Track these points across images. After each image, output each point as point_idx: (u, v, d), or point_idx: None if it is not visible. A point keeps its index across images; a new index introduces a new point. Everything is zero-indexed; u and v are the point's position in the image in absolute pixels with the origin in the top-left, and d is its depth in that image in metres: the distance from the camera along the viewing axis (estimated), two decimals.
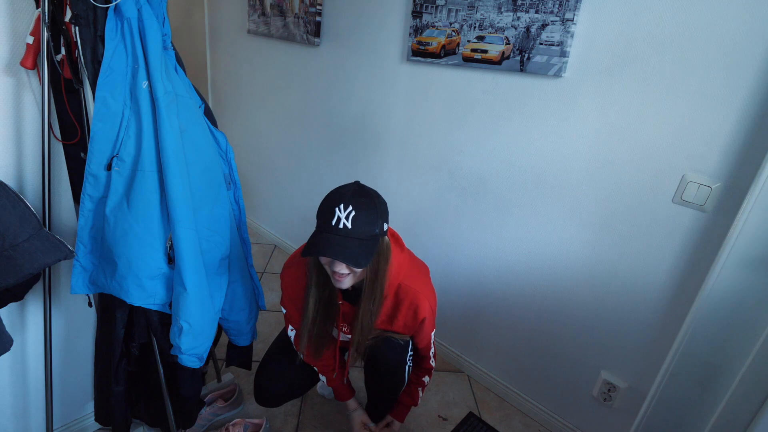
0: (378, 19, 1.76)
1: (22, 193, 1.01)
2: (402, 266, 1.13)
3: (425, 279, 1.21)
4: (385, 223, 1.02)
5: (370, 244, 0.98)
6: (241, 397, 1.57)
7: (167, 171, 1.00)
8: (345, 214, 0.96)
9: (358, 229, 0.96)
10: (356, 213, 0.96)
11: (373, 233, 0.98)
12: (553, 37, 1.28)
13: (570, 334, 1.47)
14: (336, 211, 0.96)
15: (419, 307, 1.14)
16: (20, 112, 1.00)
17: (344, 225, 0.95)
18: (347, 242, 0.95)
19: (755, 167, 1.01)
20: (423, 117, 1.71)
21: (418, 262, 1.25)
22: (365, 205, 0.98)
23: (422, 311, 1.14)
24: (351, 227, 0.95)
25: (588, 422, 1.50)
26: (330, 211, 0.97)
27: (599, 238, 1.33)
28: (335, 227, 0.96)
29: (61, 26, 0.95)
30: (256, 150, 2.69)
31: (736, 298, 1.06)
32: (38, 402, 1.25)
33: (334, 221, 0.96)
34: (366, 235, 0.97)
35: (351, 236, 0.95)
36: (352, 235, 0.95)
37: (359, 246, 0.96)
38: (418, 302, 1.13)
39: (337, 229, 0.96)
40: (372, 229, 0.98)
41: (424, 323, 1.16)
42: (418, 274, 1.19)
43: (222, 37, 2.69)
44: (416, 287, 1.13)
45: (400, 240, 1.18)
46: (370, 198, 1.00)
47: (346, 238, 0.95)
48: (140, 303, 1.07)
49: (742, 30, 1.00)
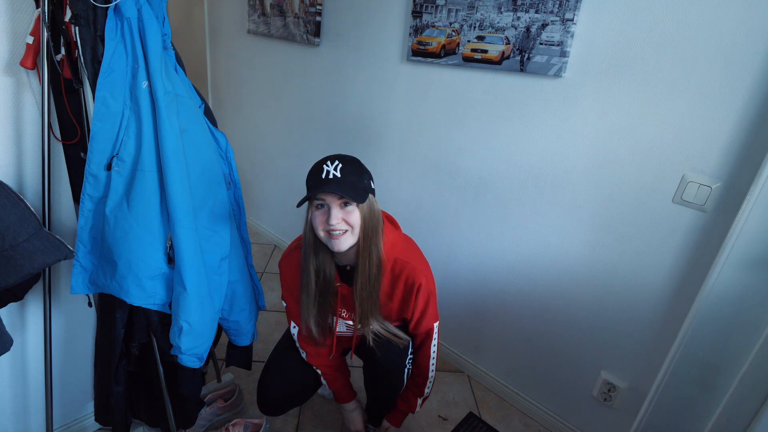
0: (378, 19, 1.76)
1: (22, 193, 1.01)
2: (397, 243, 1.16)
3: (421, 257, 1.21)
4: (371, 181, 1.07)
5: (361, 190, 1.02)
6: (241, 397, 1.57)
7: (167, 171, 1.00)
8: (333, 166, 1.01)
9: (347, 177, 1.01)
10: (343, 165, 1.01)
11: (362, 184, 1.03)
12: (553, 37, 1.28)
13: (570, 334, 1.47)
14: (324, 167, 1.02)
15: (415, 279, 1.14)
16: (20, 112, 1.00)
17: (334, 175, 1.00)
18: (340, 184, 1.00)
19: (755, 167, 1.01)
20: (423, 117, 1.71)
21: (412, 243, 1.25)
22: (351, 160, 1.04)
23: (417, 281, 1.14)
24: (340, 176, 1.00)
25: (588, 422, 1.50)
26: (318, 169, 1.03)
27: (599, 237, 1.33)
28: (326, 179, 1.00)
29: (61, 26, 0.95)
30: (256, 150, 2.69)
31: (736, 298, 1.06)
32: (38, 402, 1.25)
33: (323, 174, 1.01)
34: (356, 182, 1.02)
35: (341, 183, 1.00)
36: (342, 183, 1.00)
37: (352, 189, 1.00)
38: (415, 275, 1.14)
39: (328, 179, 1.00)
40: (360, 180, 1.03)
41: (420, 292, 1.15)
42: (413, 250, 1.21)
43: (222, 37, 2.69)
44: (412, 262, 1.15)
45: (394, 221, 1.21)
46: (353, 158, 1.06)
47: (339, 183, 1.00)
48: (140, 303, 1.07)
49: (742, 30, 1.00)
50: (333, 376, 1.37)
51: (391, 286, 1.17)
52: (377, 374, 1.31)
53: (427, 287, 1.16)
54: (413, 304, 1.17)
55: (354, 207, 1.03)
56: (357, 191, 1.01)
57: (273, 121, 2.49)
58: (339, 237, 1.04)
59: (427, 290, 1.16)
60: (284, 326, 1.99)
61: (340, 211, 1.02)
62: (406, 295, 1.17)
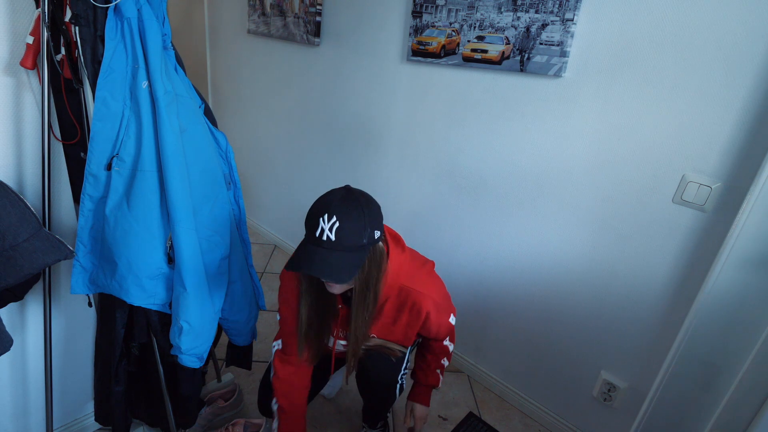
0: (378, 19, 1.76)
1: (22, 193, 1.01)
2: (402, 267, 1.10)
3: (428, 277, 1.18)
4: (376, 230, 0.96)
5: (357, 256, 0.94)
6: (241, 397, 1.57)
7: (167, 171, 1.00)
8: (329, 225, 0.91)
9: (342, 241, 0.91)
10: (341, 224, 0.91)
11: (360, 244, 0.93)
12: (553, 37, 1.28)
13: (570, 334, 1.47)
14: (320, 221, 0.92)
15: (422, 307, 1.12)
16: (20, 112, 1.00)
17: (327, 237, 0.91)
18: (330, 256, 0.91)
19: (755, 167, 1.01)
20: (423, 117, 1.71)
21: (420, 260, 1.23)
22: (351, 215, 0.92)
23: (424, 309, 1.12)
24: (335, 239, 0.91)
25: (588, 422, 1.50)
26: (314, 221, 0.93)
27: (599, 237, 1.33)
28: (319, 239, 0.92)
29: (61, 26, 0.95)
30: (256, 150, 2.69)
31: (736, 298, 1.06)
32: (38, 402, 1.25)
33: (318, 232, 0.92)
34: (352, 247, 0.92)
35: (335, 248, 0.91)
36: (336, 247, 0.91)
37: (343, 259, 0.92)
38: (421, 303, 1.11)
39: (321, 240, 0.92)
40: (358, 239, 0.93)
41: (429, 319, 1.14)
42: (420, 273, 1.16)
43: (222, 37, 2.69)
44: (418, 288, 1.11)
45: (401, 241, 1.14)
46: (358, 206, 0.94)
47: (330, 251, 0.91)
48: (140, 303, 1.07)
49: (742, 30, 1.00)
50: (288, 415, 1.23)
51: (397, 310, 1.14)
52: (369, 388, 1.30)
53: (436, 314, 1.13)
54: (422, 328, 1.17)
55: None
56: (349, 263, 0.93)
57: (273, 121, 2.49)
58: (333, 286, 1.01)
59: (436, 317, 1.14)
60: None
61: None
62: (412, 321, 1.15)
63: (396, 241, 1.13)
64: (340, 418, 1.57)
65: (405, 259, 1.12)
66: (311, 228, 0.94)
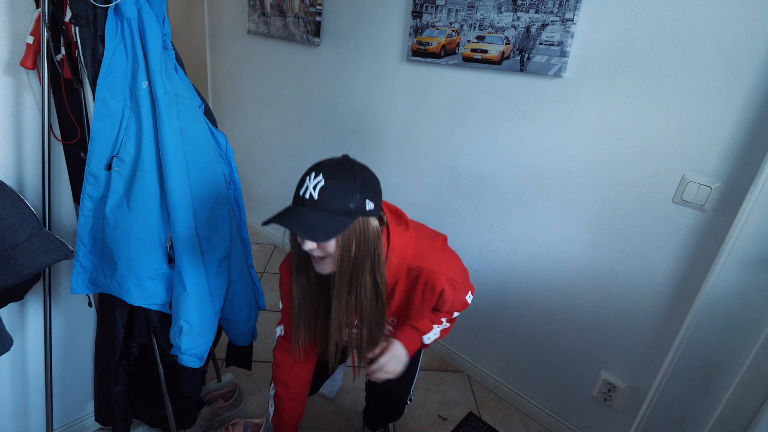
0: (378, 19, 1.76)
1: (22, 193, 1.01)
2: (407, 248, 1.01)
3: (440, 254, 1.07)
4: (368, 200, 0.87)
5: (339, 220, 0.84)
6: (241, 397, 1.57)
7: (167, 171, 1.00)
8: (313, 183, 0.85)
9: (325, 200, 0.84)
10: (326, 183, 0.84)
11: (346, 208, 0.85)
12: (553, 37, 1.28)
13: (570, 334, 1.47)
14: (306, 179, 0.86)
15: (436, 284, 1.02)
16: (20, 112, 1.00)
17: (310, 195, 0.84)
18: (309, 213, 0.84)
19: (755, 167, 1.01)
20: (423, 117, 1.71)
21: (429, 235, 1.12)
22: (339, 175, 0.86)
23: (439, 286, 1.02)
24: (317, 198, 0.84)
25: (588, 422, 1.50)
26: (301, 181, 0.88)
27: (599, 238, 1.33)
28: (302, 197, 0.85)
29: (61, 26, 0.95)
30: (256, 150, 2.69)
31: (736, 298, 1.06)
32: (38, 402, 1.25)
33: (302, 191, 0.86)
34: (336, 210, 0.84)
35: (317, 208, 0.84)
36: (317, 206, 0.84)
37: (323, 219, 0.84)
38: (435, 281, 1.01)
39: (303, 199, 0.85)
40: (344, 203, 0.84)
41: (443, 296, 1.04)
42: (430, 251, 1.06)
43: (222, 37, 2.69)
44: (428, 266, 1.01)
45: (403, 217, 1.05)
46: (350, 169, 0.87)
47: (310, 210, 0.84)
48: (140, 303, 1.07)
49: (742, 30, 1.00)
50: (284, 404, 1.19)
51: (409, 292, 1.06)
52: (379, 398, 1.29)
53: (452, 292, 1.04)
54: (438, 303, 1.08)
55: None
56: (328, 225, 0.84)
57: (273, 121, 2.49)
58: (320, 261, 0.91)
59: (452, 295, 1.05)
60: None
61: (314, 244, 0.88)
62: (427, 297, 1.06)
63: (398, 218, 1.04)
64: (340, 418, 1.57)
65: (410, 238, 1.03)
66: (297, 188, 0.88)
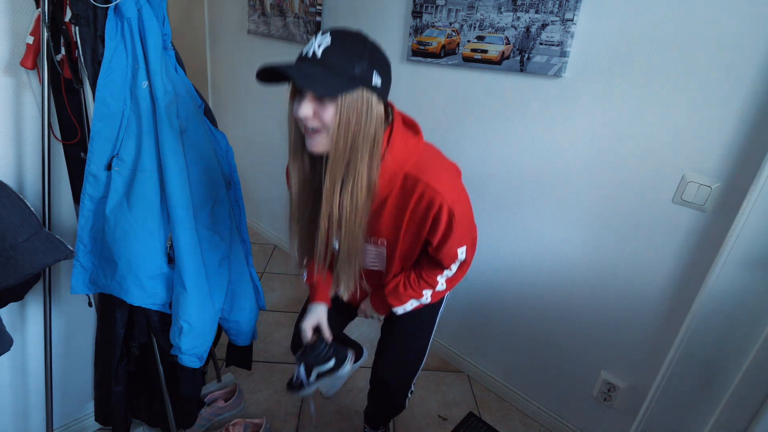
0: (378, 19, 1.76)
1: (22, 193, 1.01)
2: (410, 153, 0.91)
3: (445, 174, 0.95)
4: (375, 72, 0.79)
5: (340, 81, 0.76)
6: (241, 397, 1.57)
7: (167, 171, 1.00)
8: (318, 42, 0.77)
9: (329, 59, 0.76)
10: (332, 44, 0.76)
11: (350, 72, 0.77)
12: (553, 37, 1.28)
13: (570, 334, 1.47)
14: (312, 40, 0.79)
15: (432, 201, 0.90)
16: (20, 112, 1.00)
17: (313, 53, 0.76)
18: (309, 68, 0.76)
19: (755, 167, 1.01)
20: (423, 117, 1.70)
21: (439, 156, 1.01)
22: (348, 39, 0.78)
23: (436, 204, 0.90)
24: (320, 56, 0.76)
25: (588, 422, 1.50)
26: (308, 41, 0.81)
27: (599, 237, 1.33)
28: (304, 56, 0.78)
29: (61, 26, 0.95)
30: (256, 150, 2.69)
31: (736, 298, 1.06)
32: (38, 402, 1.25)
33: (305, 50, 0.78)
34: (337, 69, 0.76)
35: (318, 64, 0.76)
36: (319, 63, 0.76)
37: (323, 75, 0.75)
38: (431, 196, 0.89)
39: (306, 57, 0.77)
40: (348, 66, 0.76)
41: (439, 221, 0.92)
42: (435, 167, 0.93)
43: (222, 37, 2.69)
44: (427, 179, 0.89)
45: (416, 127, 0.96)
46: (362, 40, 0.80)
47: (312, 64, 0.77)
48: (140, 303, 1.07)
49: (743, 30, 1.00)
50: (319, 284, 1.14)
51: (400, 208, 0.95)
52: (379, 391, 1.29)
53: (448, 216, 0.91)
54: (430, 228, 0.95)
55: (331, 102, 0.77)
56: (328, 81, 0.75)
57: (273, 121, 2.49)
58: (313, 135, 0.81)
59: (448, 220, 0.92)
60: (284, 326, 1.99)
61: (312, 104, 0.78)
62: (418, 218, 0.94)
63: (410, 126, 0.95)
64: (340, 418, 1.57)
65: (415, 146, 0.92)
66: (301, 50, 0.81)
